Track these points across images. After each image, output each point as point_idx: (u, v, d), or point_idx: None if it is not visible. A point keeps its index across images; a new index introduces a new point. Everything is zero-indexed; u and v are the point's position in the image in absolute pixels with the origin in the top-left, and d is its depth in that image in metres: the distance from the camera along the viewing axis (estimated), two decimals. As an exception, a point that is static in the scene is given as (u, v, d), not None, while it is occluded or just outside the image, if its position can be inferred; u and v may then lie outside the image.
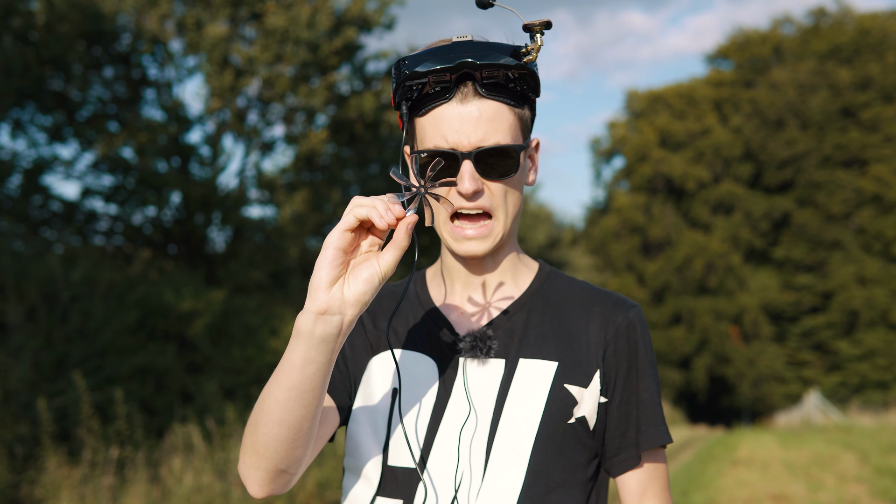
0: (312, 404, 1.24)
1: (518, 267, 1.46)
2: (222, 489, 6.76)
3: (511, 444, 1.34)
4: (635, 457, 1.39)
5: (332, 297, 1.17)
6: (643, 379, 1.40)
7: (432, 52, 1.30)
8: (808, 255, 34.61)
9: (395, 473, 1.37)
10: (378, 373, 1.43)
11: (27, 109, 12.09)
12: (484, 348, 1.38)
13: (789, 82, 35.02)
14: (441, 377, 1.39)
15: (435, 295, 1.47)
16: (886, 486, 9.52)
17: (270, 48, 12.65)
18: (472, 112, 1.29)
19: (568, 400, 1.36)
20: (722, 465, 12.61)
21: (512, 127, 1.32)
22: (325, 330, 1.18)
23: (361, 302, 1.19)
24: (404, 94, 1.33)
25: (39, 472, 6.61)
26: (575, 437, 1.36)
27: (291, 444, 1.26)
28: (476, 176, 1.31)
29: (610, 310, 1.42)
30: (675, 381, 33.25)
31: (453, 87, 1.30)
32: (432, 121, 1.31)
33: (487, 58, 1.28)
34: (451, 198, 1.33)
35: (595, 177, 41.45)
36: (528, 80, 1.32)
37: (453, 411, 1.37)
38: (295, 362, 1.20)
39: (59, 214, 12.60)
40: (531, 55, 1.28)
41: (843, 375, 32.94)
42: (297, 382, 1.21)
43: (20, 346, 7.93)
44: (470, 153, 1.30)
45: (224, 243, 14.17)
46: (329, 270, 1.17)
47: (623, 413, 1.39)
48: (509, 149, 1.31)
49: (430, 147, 1.32)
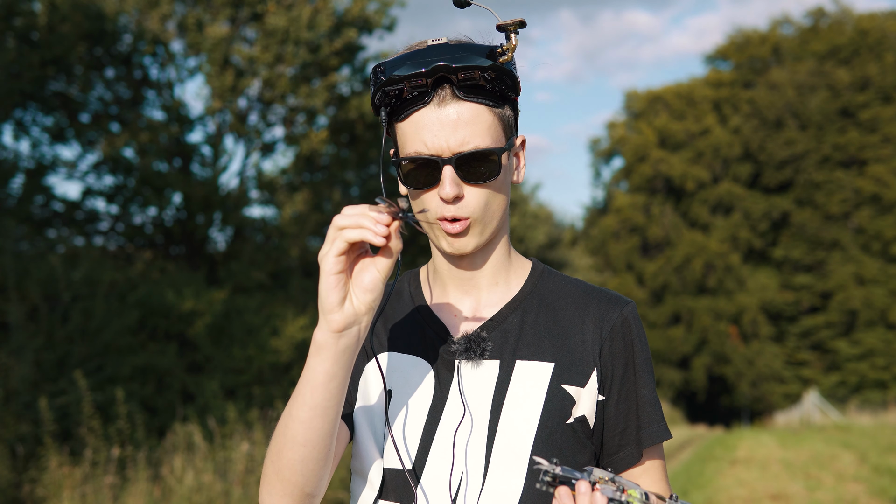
0: (334, 420, 1.27)
1: (511, 266, 1.45)
2: (223, 488, 6.79)
3: (511, 446, 1.34)
4: (636, 454, 1.40)
5: (346, 314, 1.20)
6: (641, 376, 1.41)
7: (407, 56, 1.29)
8: (807, 255, 34.62)
9: (394, 476, 1.37)
10: (374, 376, 1.43)
11: (29, 110, 12.12)
12: (478, 350, 1.37)
13: (788, 83, 35.04)
14: (436, 379, 1.39)
15: (428, 296, 1.47)
16: (885, 485, 9.54)
17: (271, 49, 12.68)
18: (450, 115, 1.29)
19: (566, 400, 1.36)
20: (721, 465, 12.64)
21: (492, 128, 1.32)
22: (347, 342, 1.22)
23: (372, 308, 1.22)
24: (382, 100, 1.33)
25: (41, 471, 6.64)
26: (574, 437, 1.37)
27: (317, 464, 1.28)
28: (457, 181, 1.31)
29: (605, 307, 1.41)
30: (674, 381, 33.26)
31: (430, 91, 1.29)
32: (412, 126, 1.32)
33: (463, 60, 1.27)
34: (436, 206, 1.34)
35: (594, 177, 41.49)
36: (506, 79, 1.31)
37: (450, 414, 1.37)
38: (318, 379, 1.23)
39: (61, 215, 12.63)
40: (507, 55, 1.28)
41: (841, 375, 32.96)
42: (322, 399, 1.24)
43: (22, 346, 7.96)
44: (450, 159, 1.29)
45: (225, 243, 14.20)
46: (335, 294, 1.19)
47: (622, 410, 1.40)
48: (490, 152, 1.31)
49: (412, 153, 1.32)
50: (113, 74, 12.92)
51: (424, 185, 1.33)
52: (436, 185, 1.32)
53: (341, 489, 7.46)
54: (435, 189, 1.33)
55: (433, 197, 1.33)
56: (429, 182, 1.32)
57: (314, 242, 14.90)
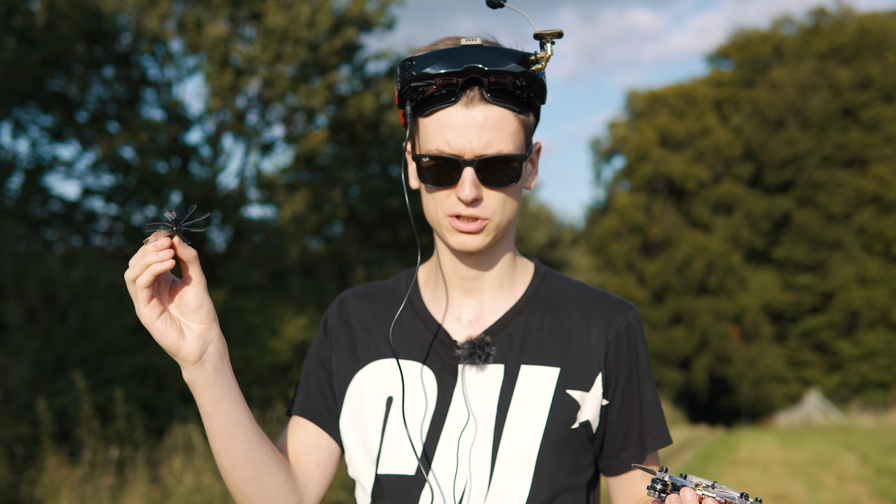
0: (249, 437, 1.27)
1: (514, 268, 1.45)
2: (222, 489, 6.76)
3: (516, 451, 1.34)
4: (639, 457, 1.40)
5: (191, 343, 1.20)
6: (645, 381, 1.41)
7: (440, 54, 1.28)
8: (809, 255, 34.62)
9: (395, 482, 1.36)
10: (370, 383, 1.41)
11: (28, 109, 12.11)
12: (482, 354, 1.36)
13: (790, 82, 35.04)
14: (439, 384, 1.38)
15: (428, 298, 1.45)
16: (886, 486, 9.53)
17: (270, 48, 12.66)
18: (476, 117, 1.29)
19: (571, 405, 1.36)
20: (722, 466, 12.62)
21: (515, 134, 1.32)
22: (211, 363, 1.21)
23: (211, 320, 1.21)
24: (409, 95, 1.32)
25: (39, 472, 6.62)
26: (578, 441, 1.37)
27: (261, 482, 1.31)
28: (477, 183, 1.30)
29: (610, 312, 1.41)
30: (675, 382, 33.26)
31: (459, 90, 1.29)
32: (436, 123, 1.31)
33: (496, 64, 1.27)
34: (451, 203, 1.32)
35: (595, 177, 41.47)
36: (535, 87, 1.31)
37: (454, 419, 1.36)
38: (208, 409, 1.24)
39: (60, 214, 12.62)
40: (540, 64, 1.28)
41: (843, 376, 32.96)
42: (222, 424, 1.25)
43: (20, 346, 7.94)
44: (472, 161, 1.29)
45: (224, 243, 14.19)
46: (170, 334, 1.18)
47: (625, 414, 1.40)
48: (511, 158, 1.31)
49: (433, 150, 1.31)
50: (112, 74, 12.91)
51: (442, 184, 1.32)
52: (453, 184, 1.31)
53: (342, 489, 7.45)
54: (451, 188, 1.32)
55: (448, 195, 1.33)
56: (447, 181, 1.32)
57: (314, 242, 14.89)
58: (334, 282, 14.30)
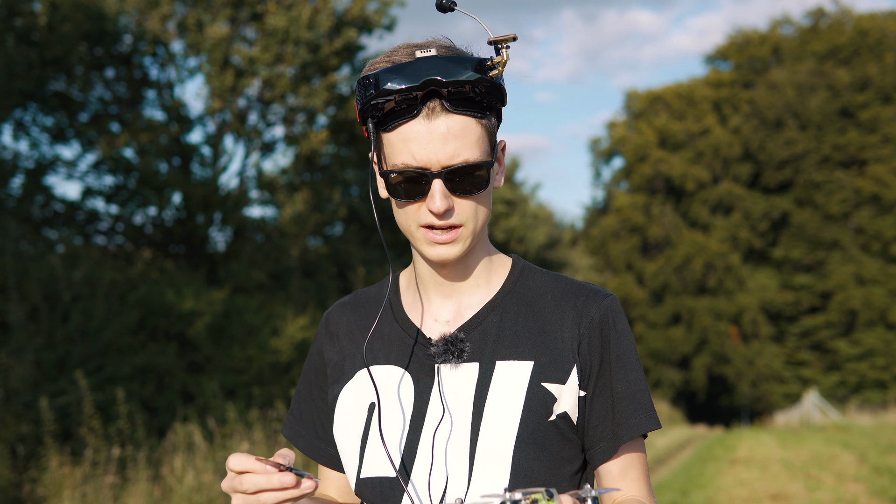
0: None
1: (490, 267, 1.46)
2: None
3: (493, 446, 1.34)
4: (611, 448, 1.39)
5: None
6: (616, 371, 1.40)
7: (396, 69, 1.28)
8: (807, 255, 34.65)
9: (376, 484, 1.39)
10: (354, 393, 1.45)
11: (29, 110, 12.14)
12: (456, 351, 1.37)
13: (788, 83, 35.06)
14: (416, 386, 1.40)
15: (408, 303, 1.47)
16: (884, 485, 9.55)
17: (271, 49, 12.69)
18: (439, 128, 1.29)
19: (546, 398, 1.36)
20: (721, 465, 12.66)
21: (480, 140, 1.32)
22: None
23: None
24: (370, 112, 1.32)
25: (41, 470, 6.64)
26: (557, 434, 1.37)
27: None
28: (446, 193, 1.31)
29: (583, 303, 1.41)
30: (674, 381, 33.28)
31: (420, 103, 1.29)
32: (399, 137, 1.31)
33: (454, 74, 1.27)
34: (423, 214, 1.34)
35: (595, 177, 41.51)
36: (494, 92, 1.31)
37: (431, 417, 1.38)
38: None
39: (61, 214, 12.64)
40: (497, 69, 1.29)
41: (841, 375, 32.99)
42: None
43: (22, 346, 7.96)
44: (440, 172, 1.30)
45: (225, 243, 14.20)
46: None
47: (599, 406, 1.39)
48: (478, 166, 1.31)
49: (400, 165, 1.31)
50: (113, 74, 12.93)
51: (412, 197, 1.33)
52: (423, 197, 1.32)
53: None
54: (422, 201, 1.33)
55: (419, 207, 1.34)
56: (417, 194, 1.32)
57: (314, 242, 14.91)
58: (335, 282, 14.33)
